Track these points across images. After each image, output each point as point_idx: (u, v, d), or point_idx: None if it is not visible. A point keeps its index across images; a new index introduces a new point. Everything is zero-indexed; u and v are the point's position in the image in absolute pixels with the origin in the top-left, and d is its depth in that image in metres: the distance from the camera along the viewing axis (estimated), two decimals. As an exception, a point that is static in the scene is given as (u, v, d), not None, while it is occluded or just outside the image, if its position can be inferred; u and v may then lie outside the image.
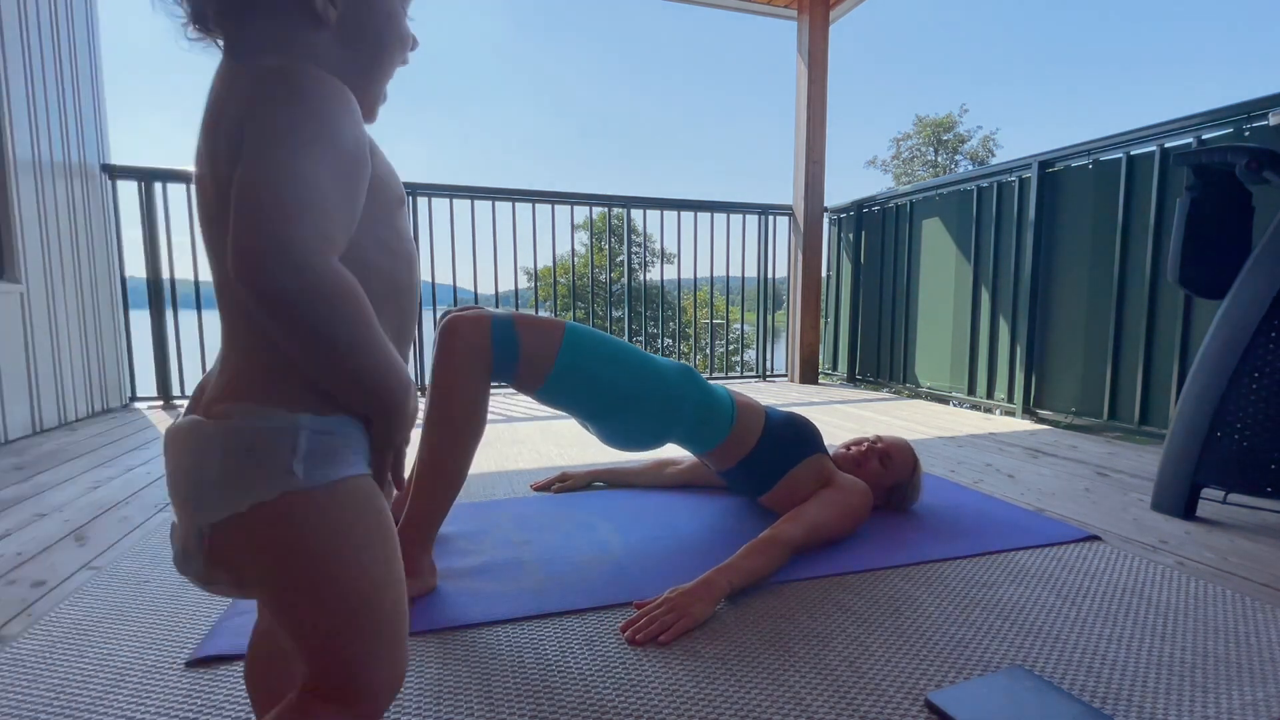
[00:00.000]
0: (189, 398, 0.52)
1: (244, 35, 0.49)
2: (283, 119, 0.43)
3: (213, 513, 0.45)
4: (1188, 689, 0.86)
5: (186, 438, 0.47)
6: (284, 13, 0.49)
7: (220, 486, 0.45)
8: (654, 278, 4.58)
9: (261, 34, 0.49)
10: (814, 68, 3.96)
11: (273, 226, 0.40)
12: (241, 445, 0.45)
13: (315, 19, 0.49)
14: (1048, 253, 2.90)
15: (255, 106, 0.44)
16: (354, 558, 0.47)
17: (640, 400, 1.27)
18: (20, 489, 1.77)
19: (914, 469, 1.54)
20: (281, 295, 0.40)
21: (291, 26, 0.49)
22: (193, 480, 0.46)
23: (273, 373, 0.46)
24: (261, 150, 0.42)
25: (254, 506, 0.44)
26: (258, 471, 0.44)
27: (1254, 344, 1.45)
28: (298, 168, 0.42)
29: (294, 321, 0.41)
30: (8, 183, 2.39)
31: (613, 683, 0.87)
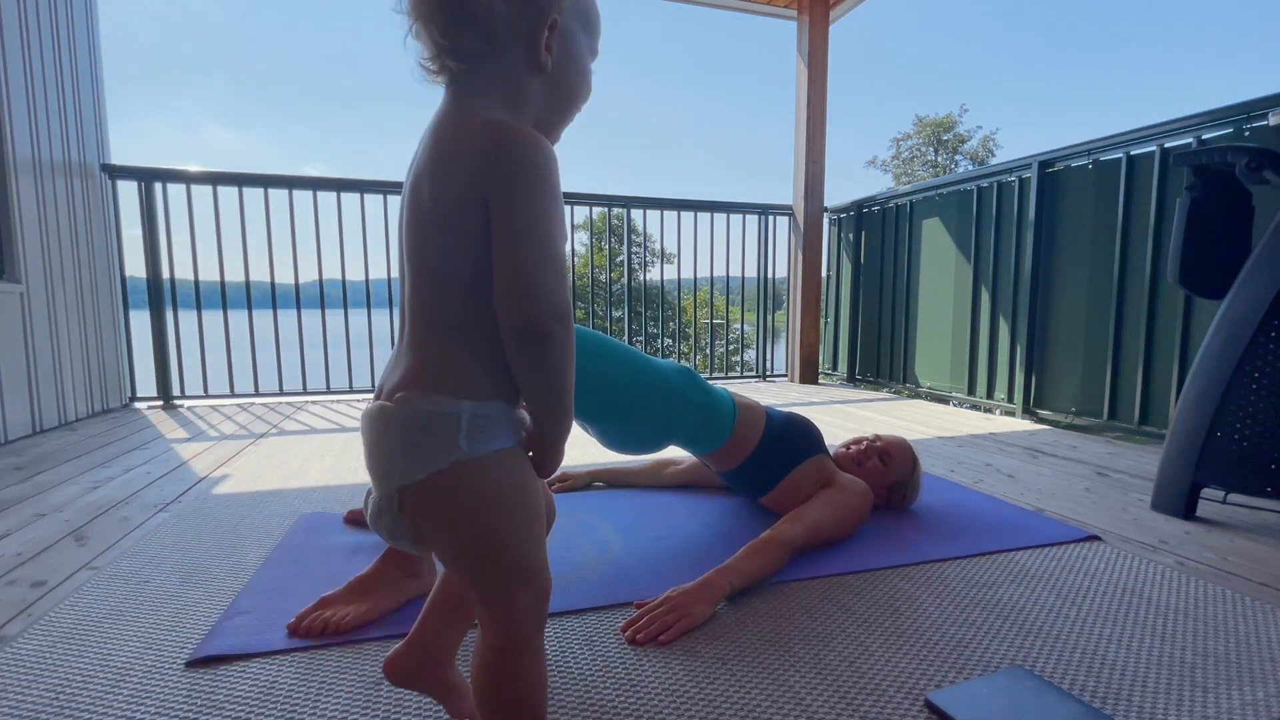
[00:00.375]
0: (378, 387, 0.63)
1: (477, 72, 0.59)
2: (535, 192, 0.54)
3: (399, 479, 0.56)
4: (1188, 689, 0.86)
5: (376, 419, 0.58)
6: (516, 57, 0.59)
7: (404, 458, 0.56)
8: (654, 278, 4.58)
9: (492, 74, 0.59)
10: (814, 68, 3.96)
11: (549, 295, 0.54)
12: (418, 425, 0.56)
13: (536, 66, 0.60)
14: (1048, 253, 2.90)
15: (503, 173, 0.54)
16: (502, 509, 0.58)
17: (642, 404, 1.27)
18: (20, 489, 1.77)
19: (914, 467, 1.55)
20: (554, 342, 0.54)
21: (517, 71, 0.60)
22: (382, 454, 0.57)
23: (443, 369, 0.57)
24: (525, 224, 0.54)
25: (431, 474, 0.55)
26: (433, 446, 0.55)
27: (1254, 344, 1.45)
28: (553, 241, 0.55)
29: (550, 360, 0.55)
30: (8, 183, 2.39)
31: (613, 683, 0.87)
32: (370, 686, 0.86)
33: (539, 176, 0.55)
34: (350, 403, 3.38)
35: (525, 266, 0.54)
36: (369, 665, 0.91)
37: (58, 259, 2.68)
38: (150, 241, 3.17)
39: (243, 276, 3.29)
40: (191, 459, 2.12)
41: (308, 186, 3.40)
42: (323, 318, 3.45)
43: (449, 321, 0.57)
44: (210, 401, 3.33)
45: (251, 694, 0.84)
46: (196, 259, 3.22)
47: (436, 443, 0.55)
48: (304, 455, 2.17)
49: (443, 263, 0.57)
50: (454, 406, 0.56)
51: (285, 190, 3.31)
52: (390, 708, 0.81)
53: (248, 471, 1.95)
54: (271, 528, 1.46)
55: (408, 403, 0.56)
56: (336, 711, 0.81)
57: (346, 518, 1.49)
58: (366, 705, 0.82)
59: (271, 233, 3.31)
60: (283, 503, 1.64)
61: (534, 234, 0.54)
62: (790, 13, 4.08)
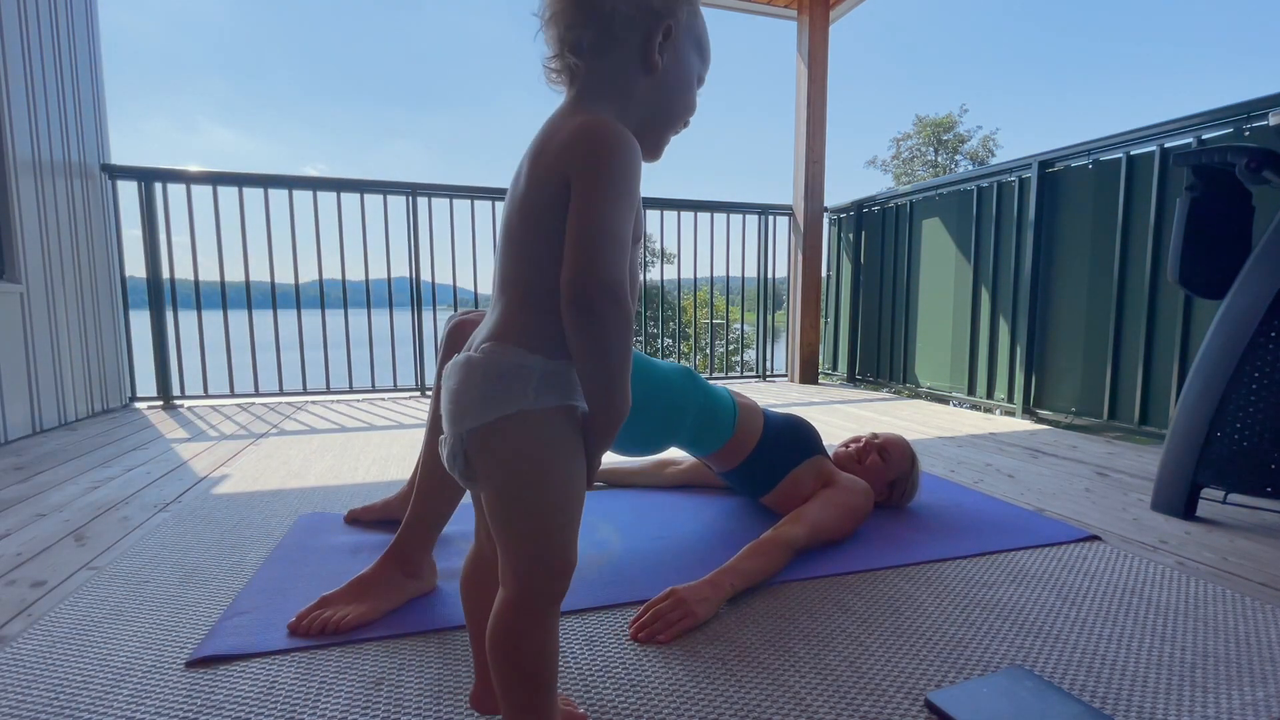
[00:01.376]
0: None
1: (594, 70, 0.65)
2: (607, 177, 0.59)
3: (472, 421, 0.61)
4: (1188, 689, 0.86)
5: (461, 367, 0.63)
6: (630, 55, 0.65)
7: (480, 402, 0.61)
8: (654, 278, 4.57)
9: (607, 71, 0.65)
10: (814, 68, 3.96)
11: (604, 270, 0.57)
12: (494, 373, 0.61)
13: (649, 67, 0.66)
14: (1048, 253, 2.90)
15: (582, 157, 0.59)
16: (553, 459, 0.62)
17: (644, 407, 1.27)
18: (20, 489, 1.77)
19: (913, 463, 1.56)
20: (600, 314, 0.58)
21: (630, 69, 0.65)
22: (461, 397, 0.62)
23: (523, 327, 0.62)
24: (595, 204, 0.58)
25: (500, 418, 0.60)
26: (505, 393, 0.60)
27: (1254, 344, 1.45)
28: (617, 223, 0.59)
29: (597, 332, 0.58)
30: (8, 183, 2.39)
31: (613, 683, 0.87)
32: (370, 686, 0.86)
33: (614, 165, 0.60)
34: (350, 403, 3.38)
35: (586, 244, 0.58)
36: (369, 665, 0.91)
37: (58, 259, 2.68)
38: (150, 241, 3.17)
39: (243, 276, 3.30)
40: (191, 459, 2.12)
41: (308, 186, 3.40)
42: (323, 318, 3.45)
43: (528, 285, 0.62)
44: (210, 401, 3.33)
45: (251, 694, 0.84)
46: (196, 259, 3.22)
47: (509, 391, 0.60)
48: (304, 455, 2.17)
49: (527, 234, 0.62)
50: (529, 360, 0.61)
51: (285, 190, 3.31)
52: (390, 708, 0.82)
53: (248, 471, 1.95)
54: (271, 528, 1.46)
55: (491, 353, 0.62)
56: (336, 711, 0.81)
57: (347, 518, 1.49)
58: (366, 705, 0.82)
59: (271, 233, 3.31)
60: (283, 503, 1.64)
61: (600, 216, 0.58)
62: (790, 13, 4.08)
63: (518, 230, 0.64)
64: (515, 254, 0.64)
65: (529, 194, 0.63)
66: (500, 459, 0.61)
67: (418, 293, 3.56)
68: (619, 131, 0.61)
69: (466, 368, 0.63)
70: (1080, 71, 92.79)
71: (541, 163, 0.62)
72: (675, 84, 0.69)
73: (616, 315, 0.58)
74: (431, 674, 0.89)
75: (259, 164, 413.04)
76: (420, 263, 3.51)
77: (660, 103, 0.69)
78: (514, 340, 0.62)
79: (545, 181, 0.61)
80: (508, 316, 0.64)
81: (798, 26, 4.02)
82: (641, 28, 0.64)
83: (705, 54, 0.72)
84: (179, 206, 3.29)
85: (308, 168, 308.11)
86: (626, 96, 0.66)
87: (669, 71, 0.67)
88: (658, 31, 0.65)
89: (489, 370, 0.61)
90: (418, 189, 3.47)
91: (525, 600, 0.62)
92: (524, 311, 0.63)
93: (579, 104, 0.65)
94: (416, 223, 3.47)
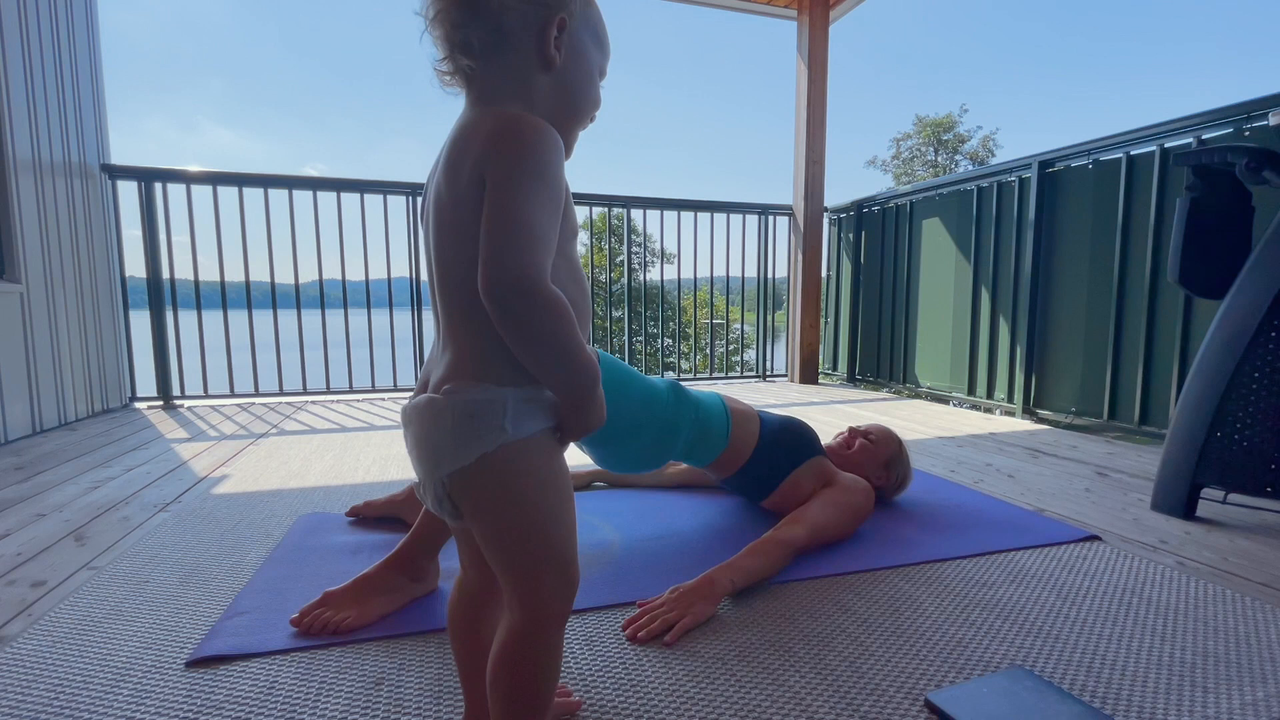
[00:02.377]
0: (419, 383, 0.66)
1: (490, 71, 0.62)
2: (518, 169, 0.57)
3: (449, 465, 0.59)
4: (1188, 689, 0.86)
5: (425, 411, 0.60)
6: (525, 52, 0.62)
7: (454, 445, 0.59)
8: (654, 278, 4.57)
9: (503, 70, 0.62)
10: (814, 68, 3.96)
11: (513, 261, 0.55)
12: (465, 413, 0.59)
13: (546, 63, 0.63)
14: (1048, 253, 2.90)
15: (497, 153, 0.57)
16: (541, 486, 0.61)
17: (638, 429, 1.27)
18: (20, 489, 1.77)
19: (898, 443, 1.61)
20: (515, 309, 0.55)
21: (526, 67, 0.62)
22: (432, 443, 0.60)
23: (485, 359, 0.60)
24: (503, 197, 0.56)
25: (479, 458, 0.59)
26: (480, 431, 0.59)
27: (1254, 344, 1.45)
28: (530, 214, 0.56)
29: (522, 327, 0.56)
30: (8, 183, 2.39)
31: (613, 683, 0.87)
32: (370, 686, 0.86)
33: (529, 154, 0.57)
34: (350, 402, 3.38)
35: (493, 238, 0.55)
36: (369, 665, 0.91)
37: (58, 259, 2.68)
38: (150, 242, 3.17)
39: (243, 277, 3.30)
40: (191, 459, 2.12)
41: (308, 186, 3.40)
42: (323, 318, 3.45)
43: (479, 314, 0.58)
44: (210, 401, 3.33)
45: (251, 694, 0.84)
46: (196, 259, 3.22)
47: (484, 427, 0.59)
48: (304, 455, 2.17)
49: (460, 258, 0.59)
50: (499, 394, 0.59)
51: (285, 190, 3.31)
52: (390, 708, 0.82)
53: (248, 471, 1.95)
54: (271, 528, 1.46)
55: (456, 393, 0.59)
56: (336, 711, 0.81)
57: (349, 512, 1.49)
58: (366, 705, 0.82)
59: (271, 233, 3.31)
60: (283, 503, 1.64)
61: (510, 207, 0.56)
62: (790, 13, 4.08)
63: (449, 254, 0.60)
64: (454, 282, 0.60)
65: (454, 212, 0.59)
66: (489, 496, 0.60)
67: (418, 293, 3.56)
68: (536, 122, 0.59)
69: (431, 410, 0.60)
70: (1080, 71, 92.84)
71: (460, 173, 0.59)
72: (576, 79, 0.66)
73: (529, 306, 0.55)
74: (431, 674, 0.89)
75: (259, 164, 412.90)
76: (420, 263, 3.51)
77: (563, 99, 0.65)
78: (477, 376, 0.59)
79: (465, 189, 0.58)
80: (466, 351, 0.61)
81: (798, 26, 4.02)
82: (534, 22, 0.61)
83: (604, 45, 0.69)
84: (179, 206, 3.29)
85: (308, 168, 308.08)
86: (527, 96, 0.63)
87: (568, 66, 0.64)
88: (551, 25, 0.62)
89: (458, 410, 0.59)
90: (418, 189, 3.47)
91: (537, 626, 0.61)
92: (483, 344, 0.60)
93: (480, 106, 0.62)
94: (416, 223, 3.46)
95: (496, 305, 0.55)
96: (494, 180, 0.57)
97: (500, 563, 0.62)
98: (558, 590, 0.62)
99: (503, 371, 0.60)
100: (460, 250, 0.59)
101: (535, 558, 0.61)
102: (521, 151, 0.57)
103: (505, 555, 0.61)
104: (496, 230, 0.55)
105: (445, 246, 0.61)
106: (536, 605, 0.61)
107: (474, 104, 0.63)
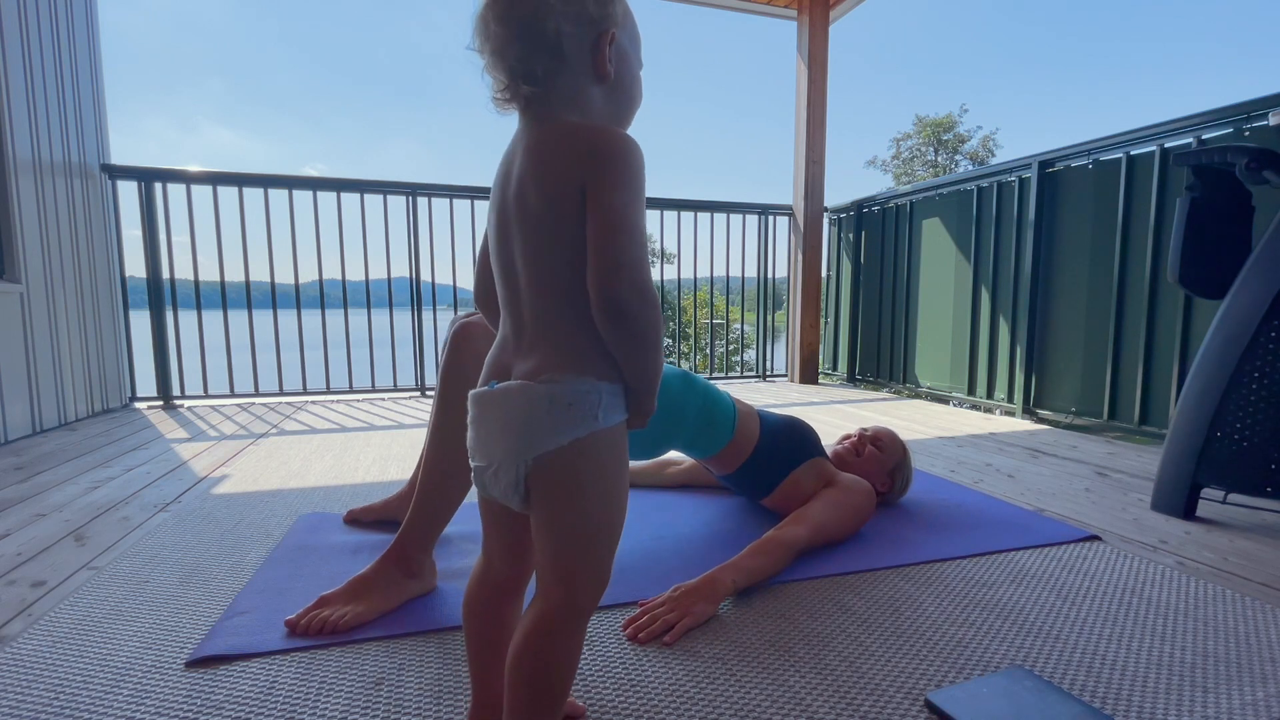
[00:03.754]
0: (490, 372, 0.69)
1: (551, 90, 0.64)
2: (624, 183, 0.61)
3: (541, 447, 0.62)
4: (1188, 689, 0.86)
5: (518, 397, 0.63)
6: (582, 71, 0.65)
7: (549, 430, 0.62)
8: (654, 278, 4.56)
9: (561, 90, 0.65)
10: (814, 68, 3.96)
11: (631, 271, 0.60)
12: (565, 401, 0.62)
13: (601, 77, 0.66)
14: (1048, 253, 2.90)
15: (603, 168, 0.61)
16: (615, 477, 0.66)
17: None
18: (20, 489, 1.77)
19: (905, 450, 1.59)
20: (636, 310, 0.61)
21: (583, 83, 0.66)
22: (528, 425, 0.62)
23: (582, 353, 0.64)
24: (615, 209, 0.60)
25: (572, 442, 0.62)
26: (576, 418, 0.62)
27: (1254, 344, 1.45)
28: (637, 223, 0.61)
29: (636, 331, 0.62)
30: (8, 183, 2.39)
31: (613, 683, 0.87)
32: (370, 686, 0.86)
33: (628, 167, 0.62)
34: (350, 403, 3.38)
35: (611, 247, 0.60)
36: (369, 665, 0.91)
37: (58, 259, 2.68)
38: (150, 242, 3.17)
39: (243, 277, 3.30)
40: (191, 459, 2.12)
41: (308, 186, 3.40)
42: (323, 318, 3.45)
43: (579, 313, 0.63)
44: (210, 401, 3.33)
45: (251, 694, 0.84)
46: (196, 259, 3.22)
47: (581, 415, 0.62)
48: (304, 455, 2.17)
49: (560, 261, 0.63)
50: (596, 386, 0.63)
51: (285, 190, 3.31)
52: (390, 708, 0.82)
53: (248, 471, 1.95)
54: (271, 528, 1.46)
55: (556, 382, 0.63)
56: (336, 711, 0.81)
57: (346, 518, 1.49)
58: (366, 705, 0.82)
59: (271, 233, 3.31)
60: (283, 503, 1.64)
61: (622, 217, 0.60)
62: (790, 13, 4.08)
63: (545, 258, 0.64)
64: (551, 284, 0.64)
65: (549, 216, 0.63)
66: (571, 479, 0.63)
67: (418, 293, 3.56)
68: (624, 136, 0.63)
69: (526, 395, 0.62)
70: (1080, 71, 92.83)
71: (555, 179, 0.62)
72: (626, 84, 0.70)
73: (649, 312, 0.61)
74: (431, 674, 0.89)
75: (259, 164, 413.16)
76: (420, 263, 3.51)
77: (618, 104, 0.70)
78: (575, 369, 0.63)
79: (560, 198, 0.62)
80: (559, 345, 0.64)
81: (798, 27, 4.02)
82: (589, 42, 0.65)
83: (638, 40, 0.73)
84: (179, 206, 3.29)
85: (308, 168, 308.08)
86: (585, 108, 0.66)
87: (619, 74, 0.68)
88: (604, 42, 0.65)
89: (559, 397, 0.62)
90: (418, 189, 3.47)
91: (571, 611, 0.64)
92: (577, 338, 0.64)
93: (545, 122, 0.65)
94: (416, 223, 3.46)
95: (619, 306, 0.60)
96: (601, 193, 0.61)
97: (553, 545, 0.64)
98: (594, 583, 0.65)
99: (600, 366, 0.64)
100: (556, 254, 0.63)
101: (593, 542, 0.64)
102: (625, 167, 0.61)
103: (562, 538, 0.64)
104: (616, 240, 0.60)
105: (540, 249, 0.64)
106: (571, 594, 0.64)
107: (536, 119, 0.66)
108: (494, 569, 0.73)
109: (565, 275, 0.63)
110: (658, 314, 0.63)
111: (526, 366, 0.64)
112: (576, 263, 0.62)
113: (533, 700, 0.63)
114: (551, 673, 0.64)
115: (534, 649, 0.63)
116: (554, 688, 0.64)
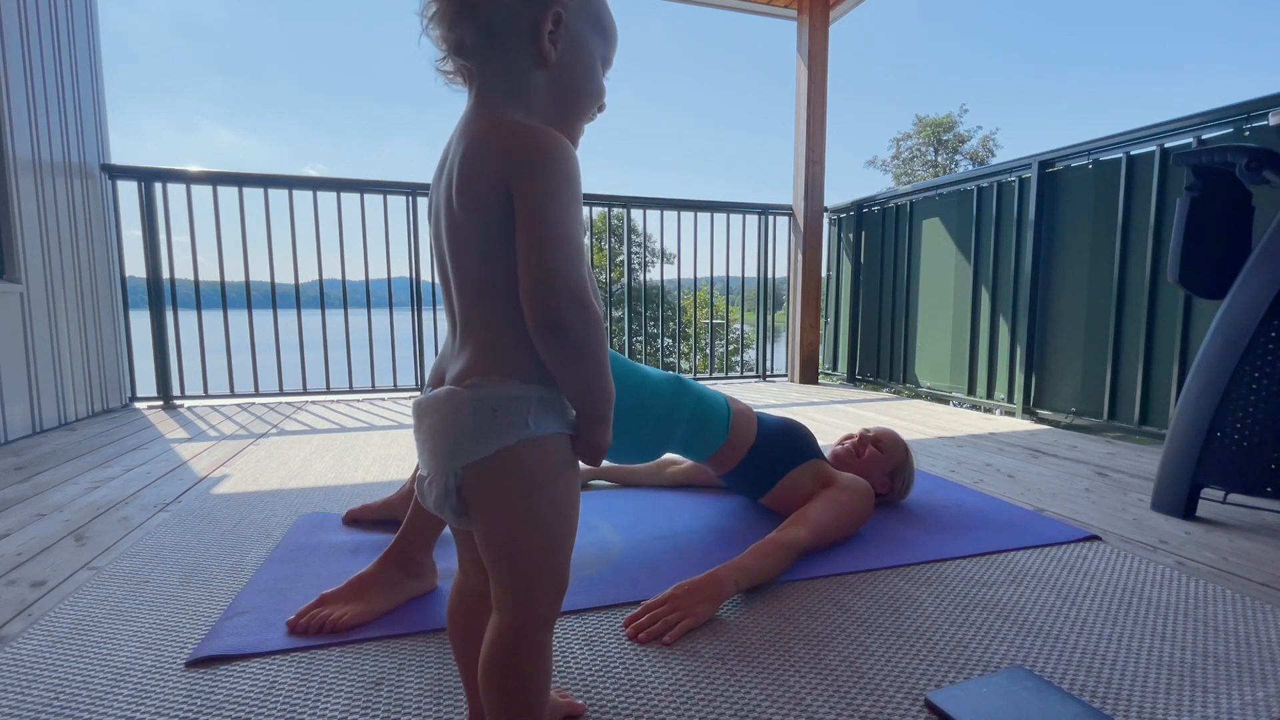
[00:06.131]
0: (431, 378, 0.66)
1: (487, 69, 0.61)
2: (552, 184, 0.57)
3: (467, 456, 0.59)
4: (1188, 689, 0.86)
5: (445, 403, 0.60)
6: (520, 49, 0.61)
7: (475, 437, 0.58)
8: (654, 278, 4.57)
9: (500, 68, 0.61)
10: (814, 68, 3.96)
11: (565, 278, 0.56)
12: (489, 406, 0.59)
13: (541, 59, 0.61)
14: (1048, 253, 2.90)
15: (527, 168, 0.57)
16: (554, 485, 0.61)
17: (636, 418, 1.28)
18: (20, 489, 1.77)
19: (906, 451, 1.59)
20: (570, 322, 0.56)
21: (522, 64, 0.61)
22: (453, 433, 0.59)
23: (509, 356, 0.60)
24: (544, 212, 0.56)
25: (498, 451, 0.58)
26: (504, 425, 0.59)
27: (1254, 344, 1.45)
28: (570, 230, 0.57)
29: (570, 340, 0.57)
30: (8, 183, 2.39)
31: (613, 683, 0.87)
32: (370, 686, 0.86)
33: (557, 171, 0.57)
34: (350, 403, 3.38)
35: (543, 254, 0.56)
36: (369, 665, 0.91)
37: (58, 259, 2.68)
38: (150, 242, 3.17)
39: (243, 277, 3.30)
40: (191, 459, 2.12)
41: (308, 186, 3.40)
42: (323, 318, 3.45)
43: (504, 315, 0.59)
44: (210, 401, 3.32)
45: (251, 694, 0.84)
46: (196, 259, 3.22)
47: (507, 421, 0.59)
48: (304, 455, 2.17)
49: (482, 261, 0.60)
50: (524, 390, 0.60)
51: (285, 190, 3.31)
52: (390, 708, 0.82)
53: (248, 471, 1.95)
54: (271, 528, 1.46)
55: (481, 387, 0.59)
56: (336, 711, 0.81)
57: (345, 518, 1.49)
58: (366, 705, 0.82)
59: (271, 233, 3.30)
60: (283, 503, 1.64)
61: (554, 222, 0.57)
62: (790, 13, 4.08)
63: (469, 259, 0.60)
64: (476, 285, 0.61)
65: (472, 217, 0.59)
66: (503, 490, 0.60)
67: (418, 293, 3.56)
68: (552, 135, 0.59)
69: (452, 401, 0.59)
70: (1080, 71, 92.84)
71: (476, 181, 0.58)
72: (576, 73, 0.64)
73: (584, 320, 0.57)
74: (431, 674, 0.89)
75: (259, 164, 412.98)
76: (420, 263, 3.51)
77: (563, 95, 0.64)
78: (503, 372, 0.60)
79: (486, 200, 0.58)
80: (490, 348, 0.61)
81: (798, 27, 4.02)
82: (527, 19, 0.60)
83: (607, 33, 0.67)
84: (179, 206, 3.29)
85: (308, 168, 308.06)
86: (526, 94, 0.62)
87: (566, 61, 0.63)
88: (545, 20, 0.60)
89: (483, 402, 0.59)
90: (418, 189, 3.47)
91: (527, 626, 0.61)
92: (508, 342, 0.60)
93: (481, 109, 0.62)
94: (416, 223, 3.46)
95: (551, 318, 0.56)
96: (528, 195, 0.57)
97: (498, 560, 0.61)
98: (550, 593, 0.62)
99: (528, 369, 0.60)
100: (483, 256, 0.59)
101: (538, 557, 0.61)
102: (552, 166, 0.57)
103: (505, 552, 0.61)
104: (544, 245, 0.56)
105: (464, 252, 0.60)
106: (528, 606, 0.61)
107: (476, 104, 0.62)
108: (468, 581, 0.71)
109: (492, 274, 0.59)
110: (598, 327, 0.58)
111: (455, 371, 0.61)
112: (499, 267, 0.58)
113: (507, 711, 0.62)
114: (521, 683, 0.62)
115: (499, 663, 0.61)
116: (526, 697, 0.62)
